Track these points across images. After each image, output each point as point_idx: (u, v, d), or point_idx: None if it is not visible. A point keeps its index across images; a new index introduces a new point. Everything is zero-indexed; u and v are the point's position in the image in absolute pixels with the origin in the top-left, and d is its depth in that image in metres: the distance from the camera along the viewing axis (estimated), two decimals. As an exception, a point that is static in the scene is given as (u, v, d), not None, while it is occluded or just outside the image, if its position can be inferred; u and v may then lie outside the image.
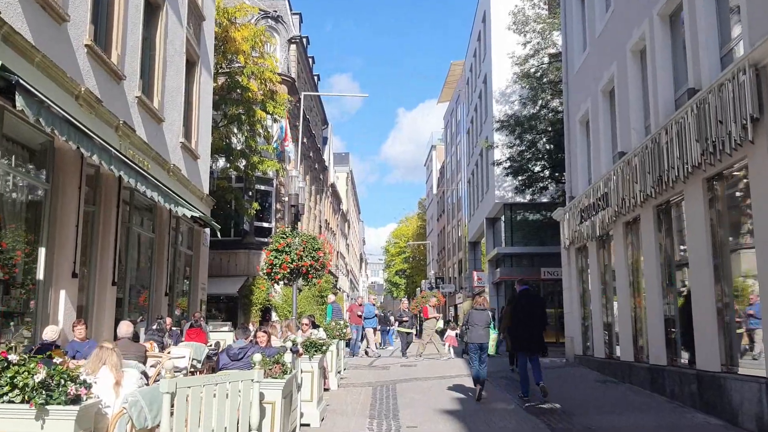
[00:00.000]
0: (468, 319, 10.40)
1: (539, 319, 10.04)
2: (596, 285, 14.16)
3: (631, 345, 11.99)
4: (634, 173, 11.10)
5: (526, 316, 9.97)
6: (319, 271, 11.94)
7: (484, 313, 10.36)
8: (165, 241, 13.03)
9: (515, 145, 25.46)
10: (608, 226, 12.84)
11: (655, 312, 10.72)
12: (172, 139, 13.47)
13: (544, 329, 10.17)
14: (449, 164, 52.95)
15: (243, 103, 24.55)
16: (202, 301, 15.97)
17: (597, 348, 14.16)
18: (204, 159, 16.07)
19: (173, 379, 4.57)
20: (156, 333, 10.94)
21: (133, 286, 12.10)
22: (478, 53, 35.17)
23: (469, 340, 10.37)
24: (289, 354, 6.89)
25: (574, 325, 15.95)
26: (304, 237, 11.89)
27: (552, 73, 24.78)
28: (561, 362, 16.17)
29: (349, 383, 12.53)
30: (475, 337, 10.17)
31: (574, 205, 15.38)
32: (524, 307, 10.06)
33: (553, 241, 29.42)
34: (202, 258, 15.94)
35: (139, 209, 12.53)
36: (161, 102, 12.73)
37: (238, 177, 27.68)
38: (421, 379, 13.06)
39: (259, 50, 25.48)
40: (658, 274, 10.64)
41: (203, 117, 15.98)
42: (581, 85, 15.74)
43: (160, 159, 12.39)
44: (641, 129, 11.73)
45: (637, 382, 11.51)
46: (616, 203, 12.12)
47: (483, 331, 10.19)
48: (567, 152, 17.09)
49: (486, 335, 10.29)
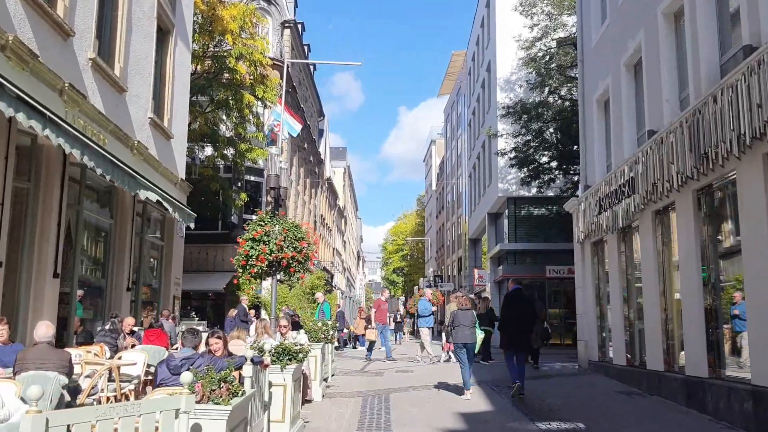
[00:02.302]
0: (453, 320, 10.44)
1: (529, 319, 10.27)
2: (616, 283, 12.57)
3: (661, 352, 10.40)
4: (670, 153, 9.51)
5: (517, 316, 10.14)
6: (302, 265, 10.33)
7: (468, 312, 10.43)
8: (127, 229, 11.41)
9: (521, 134, 23.87)
10: (634, 216, 11.25)
11: (694, 314, 9.13)
12: (138, 113, 11.85)
13: (533, 330, 10.59)
14: (449, 159, 51.32)
15: (231, 87, 22.95)
16: (176, 297, 14.35)
17: (617, 354, 12.58)
18: (179, 140, 14.45)
19: (42, 413, 2.98)
20: (108, 334, 9.35)
21: (85, 280, 10.48)
22: (481, 40, 33.55)
23: (455, 341, 10.37)
24: (249, 366, 5.30)
25: (589, 328, 14.37)
26: (286, 224, 10.29)
27: (561, 57, 23.19)
28: (574, 369, 14.59)
29: (336, 392, 10.95)
30: (460, 338, 10.22)
31: (590, 194, 13.79)
32: (515, 307, 10.23)
33: (558, 237, 27.91)
34: (176, 249, 14.30)
35: (95, 190, 10.92)
36: (124, 69, 11.12)
37: (227, 167, 26.12)
38: (419, 387, 11.48)
39: (249, 31, 23.81)
40: (697, 269, 9.05)
41: (179, 93, 14.36)
42: (600, 61, 14.15)
43: (121, 134, 10.78)
44: (676, 102, 10.14)
45: (668, 395, 9.93)
46: (644, 189, 10.54)
47: (469, 331, 10.25)
48: (582, 136, 15.49)
49: (472, 335, 10.31)
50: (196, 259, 26.30)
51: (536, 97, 23.88)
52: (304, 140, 38.21)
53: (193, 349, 5.39)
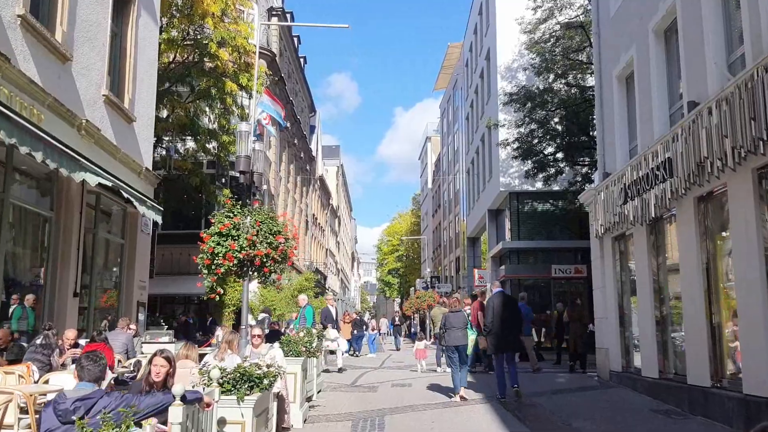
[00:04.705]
0: (445, 322, 10.38)
1: (514, 321, 10.19)
2: (646, 282, 10.90)
3: (707, 364, 8.72)
4: (720, 126, 7.86)
5: (503, 318, 10.02)
6: (279, 264, 8.62)
7: (460, 314, 10.39)
8: (73, 223, 9.65)
9: (524, 123, 22.19)
10: (670, 203, 9.58)
11: (756, 320, 7.45)
12: (88, 88, 10.13)
13: (520, 330, 10.67)
14: (445, 155, 49.62)
15: (212, 75, 21.24)
16: (141, 303, 12.59)
17: (646, 364, 10.90)
18: (144, 124, 12.71)
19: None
20: (39, 350, 7.63)
21: (16, 282, 8.74)
22: (480, 28, 31.90)
23: (447, 343, 10.29)
24: (178, 409, 3.60)
25: (610, 334, 12.70)
26: (259, 216, 8.57)
27: (567, 41, 21.55)
28: (594, 380, 12.91)
29: (321, 415, 9.23)
30: (452, 340, 10.15)
31: (612, 183, 12.12)
32: (498, 309, 10.08)
33: (564, 234, 26.27)
34: (141, 248, 12.53)
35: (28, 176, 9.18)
36: (67, 34, 9.38)
37: (211, 162, 24.41)
38: (419, 407, 9.77)
39: (232, 16, 22.08)
40: (759, 263, 7.39)
41: (143, 71, 12.63)
42: (620, 31, 12.50)
43: (63, 110, 9.05)
44: (723, 66, 8.50)
45: (717, 416, 8.27)
46: (684, 171, 8.88)
47: (461, 333, 10.21)
48: (599, 119, 13.84)
49: (464, 336, 10.29)
50: (177, 261, 24.58)
51: (540, 83, 22.23)
52: (294, 136, 36.47)
53: (95, 384, 3.69)
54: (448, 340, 10.19)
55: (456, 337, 10.13)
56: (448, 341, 10.20)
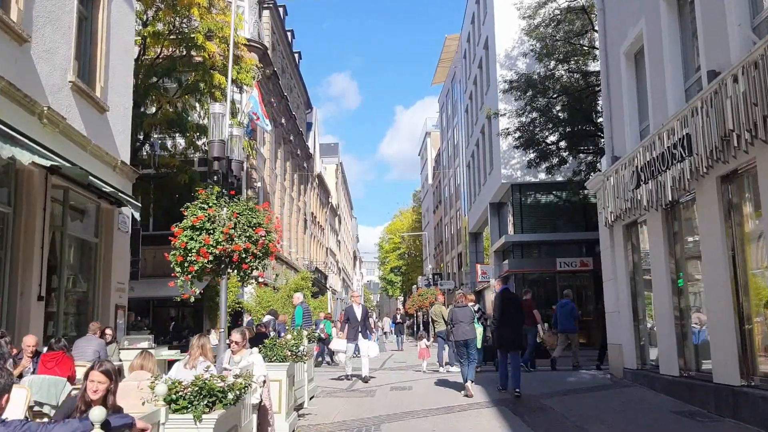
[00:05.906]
0: (452, 317, 10.51)
1: (517, 318, 10.27)
2: (663, 273, 10.04)
3: (736, 361, 7.87)
4: (749, 94, 7.00)
5: (506, 315, 10.11)
6: (260, 259, 7.78)
7: (466, 309, 10.53)
8: (35, 220, 8.81)
9: (525, 111, 21.33)
10: (690, 185, 8.73)
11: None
12: (51, 73, 9.29)
13: (522, 327, 10.74)
14: (445, 150, 48.77)
15: (200, 68, 20.41)
16: (120, 306, 11.76)
17: (665, 361, 10.05)
18: (119, 114, 11.89)
19: None
20: (-10, 361, 6.80)
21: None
22: (477, 17, 31.04)
23: (455, 338, 10.39)
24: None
25: (623, 329, 11.85)
26: (236, 207, 7.74)
27: (567, 25, 20.68)
28: (606, 378, 12.07)
29: (311, 425, 8.41)
30: (460, 334, 10.24)
31: (622, 166, 11.27)
32: (503, 306, 10.16)
33: (569, 226, 25.39)
34: (118, 248, 11.68)
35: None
36: (24, 13, 8.55)
37: (203, 159, 23.57)
38: (420, 413, 8.94)
39: (219, 6, 21.26)
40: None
41: (117, 58, 11.79)
42: (627, 4, 11.66)
43: (20, 96, 8.23)
44: (748, 28, 7.65)
45: (750, 419, 7.42)
46: (706, 147, 8.03)
47: (468, 327, 10.29)
48: (605, 99, 12.99)
49: (471, 331, 10.37)
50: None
51: (541, 69, 21.37)
52: (290, 132, 35.61)
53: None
54: (457, 335, 10.31)
55: (464, 332, 10.22)
56: (457, 336, 10.32)
